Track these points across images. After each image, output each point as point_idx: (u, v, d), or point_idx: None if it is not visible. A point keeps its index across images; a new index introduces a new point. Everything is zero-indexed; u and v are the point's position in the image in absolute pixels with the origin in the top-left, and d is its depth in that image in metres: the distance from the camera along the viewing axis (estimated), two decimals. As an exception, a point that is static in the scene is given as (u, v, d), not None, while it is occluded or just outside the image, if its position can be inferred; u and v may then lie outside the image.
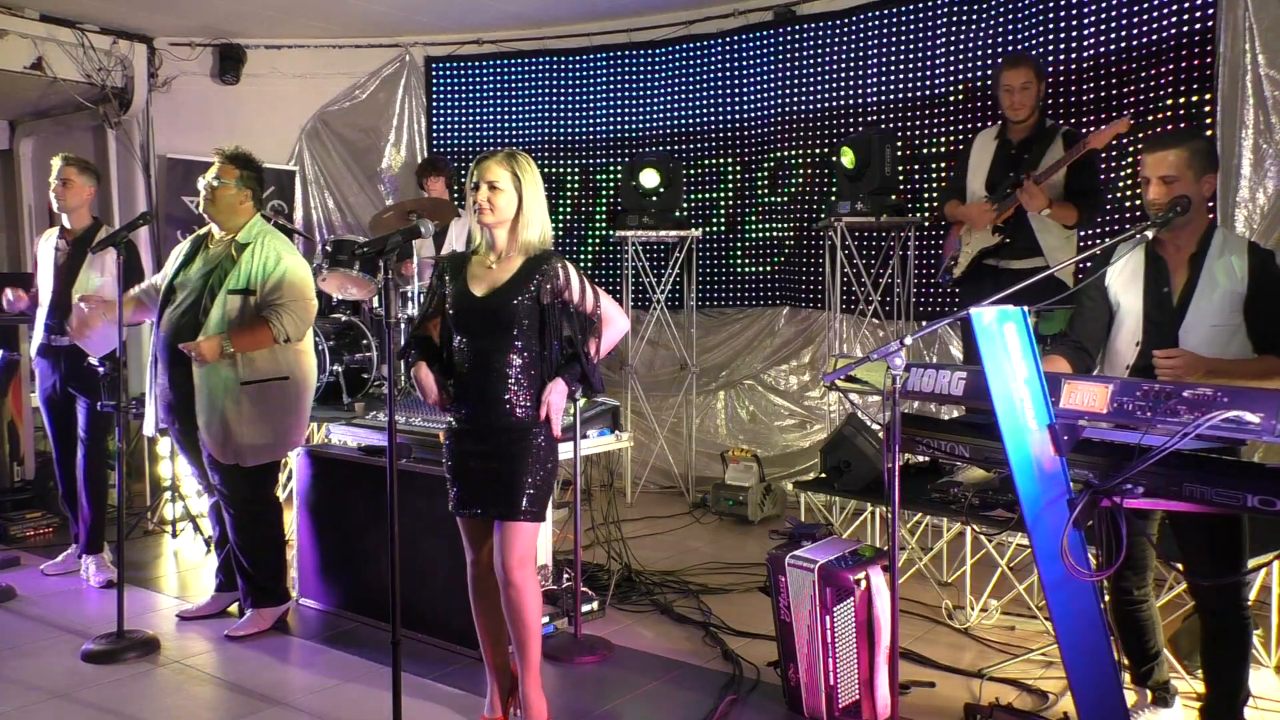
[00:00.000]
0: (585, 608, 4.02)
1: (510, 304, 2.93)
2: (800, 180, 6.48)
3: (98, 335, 4.51)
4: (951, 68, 5.85)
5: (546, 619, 3.80)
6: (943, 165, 5.93)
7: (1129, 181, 5.10)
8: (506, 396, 2.94)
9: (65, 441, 4.75)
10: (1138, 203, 4.97)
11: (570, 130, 7.28)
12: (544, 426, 2.99)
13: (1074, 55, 5.33)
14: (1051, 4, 5.40)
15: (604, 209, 7.18)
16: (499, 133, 7.45)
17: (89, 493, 4.66)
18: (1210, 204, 3.98)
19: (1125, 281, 3.01)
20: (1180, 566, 2.89)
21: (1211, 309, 2.84)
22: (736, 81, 6.70)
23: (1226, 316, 2.83)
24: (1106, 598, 3.31)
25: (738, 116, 6.73)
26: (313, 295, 4.03)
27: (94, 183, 4.73)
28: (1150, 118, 5.01)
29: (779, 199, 6.62)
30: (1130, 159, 5.08)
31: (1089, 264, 3.10)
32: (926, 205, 5.98)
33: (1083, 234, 4.85)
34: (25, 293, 4.71)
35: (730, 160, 6.81)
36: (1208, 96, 4.86)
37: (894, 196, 5.75)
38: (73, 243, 4.65)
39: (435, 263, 3.22)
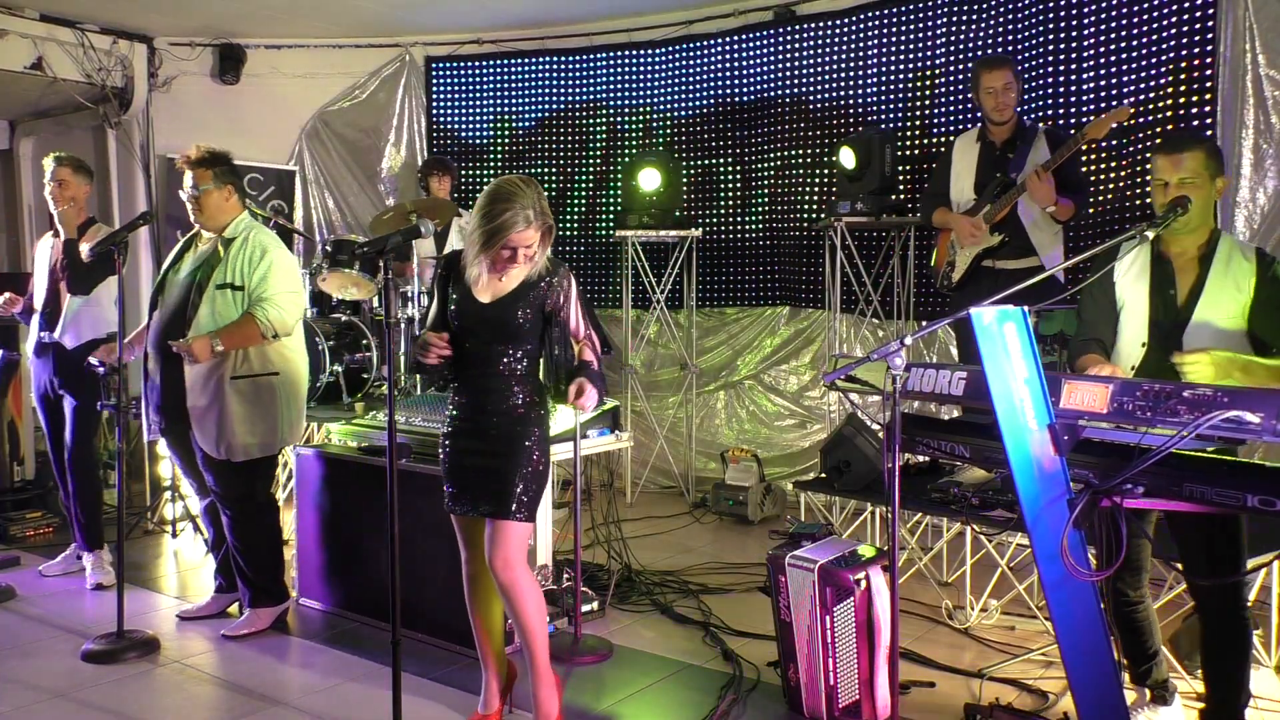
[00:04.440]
0: (585, 608, 4.02)
1: (515, 312, 2.95)
2: (800, 180, 6.48)
3: (74, 328, 4.54)
4: (951, 68, 5.85)
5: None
6: (943, 165, 5.93)
7: (1127, 175, 5.08)
8: (506, 397, 2.97)
9: (60, 440, 4.75)
10: (1141, 197, 4.98)
11: (570, 130, 7.27)
12: (540, 429, 3.00)
13: (1074, 55, 5.32)
14: (1051, 4, 5.40)
15: (604, 209, 7.18)
16: (499, 133, 7.45)
17: (77, 491, 4.64)
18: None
19: (1131, 281, 3.00)
20: (1179, 566, 2.89)
21: (1218, 313, 2.82)
22: (736, 82, 6.70)
23: (1232, 321, 2.81)
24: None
25: (738, 116, 6.73)
26: (299, 288, 4.03)
27: (89, 181, 4.72)
28: (1150, 117, 5.01)
29: (779, 199, 6.61)
30: (1129, 151, 5.07)
31: (1089, 263, 3.08)
32: (926, 205, 5.98)
33: (1071, 231, 4.85)
34: (19, 295, 4.72)
35: (730, 160, 6.80)
36: (1208, 96, 4.86)
37: (894, 196, 5.75)
38: (66, 242, 4.63)
39: (435, 264, 3.21)
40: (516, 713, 3.24)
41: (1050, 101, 5.38)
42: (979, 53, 5.73)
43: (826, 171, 6.31)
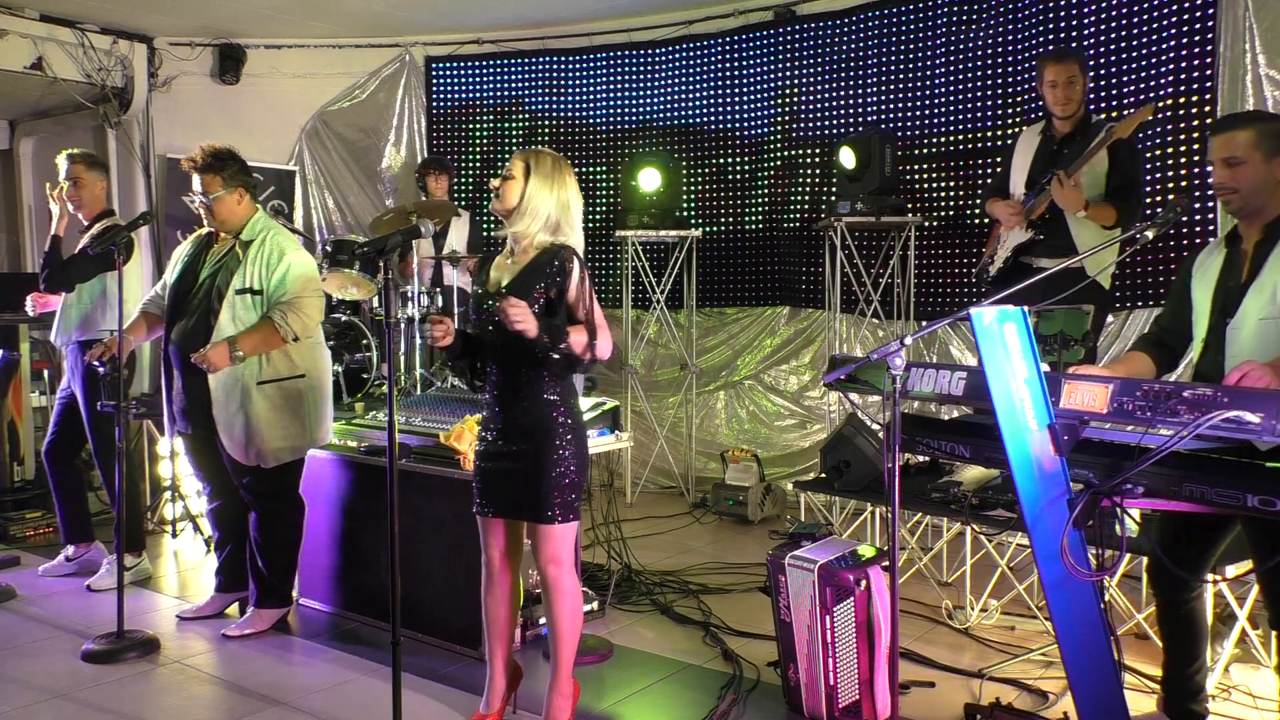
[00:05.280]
0: (585, 608, 4.02)
1: (525, 293, 2.89)
2: (800, 180, 6.48)
3: (61, 327, 4.54)
4: (951, 68, 5.85)
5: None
6: (942, 165, 5.93)
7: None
8: (526, 392, 2.94)
9: (64, 436, 4.72)
10: (1147, 195, 4.95)
11: (570, 130, 7.27)
12: (568, 423, 2.96)
13: (1074, 55, 5.32)
14: (1051, 4, 5.40)
15: (604, 209, 7.18)
16: (499, 133, 7.45)
17: (110, 490, 4.57)
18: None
19: (1202, 274, 2.85)
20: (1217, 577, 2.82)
21: (1259, 303, 2.66)
22: (736, 81, 6.70)
23: (1273, 309, 2.63)
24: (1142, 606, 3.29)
25: (738, 116, 6.73)
26: (319, 290, 4.00)
27: (104, 176, 4.73)
28: (1151, 117, 5.01)
29: (779, 199, 6.61)
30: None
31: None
32: (927, 205, 5.98)
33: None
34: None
35: (730, 160, 6.80)
36: (1208, 96, 4.86)
37: (894, 196, 5.75)
38: (52, 238, 4.57)
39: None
40: (519, 713, 3.24)
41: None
42: (979, 53, 5.74)
43: (826, 171, 6.31)
